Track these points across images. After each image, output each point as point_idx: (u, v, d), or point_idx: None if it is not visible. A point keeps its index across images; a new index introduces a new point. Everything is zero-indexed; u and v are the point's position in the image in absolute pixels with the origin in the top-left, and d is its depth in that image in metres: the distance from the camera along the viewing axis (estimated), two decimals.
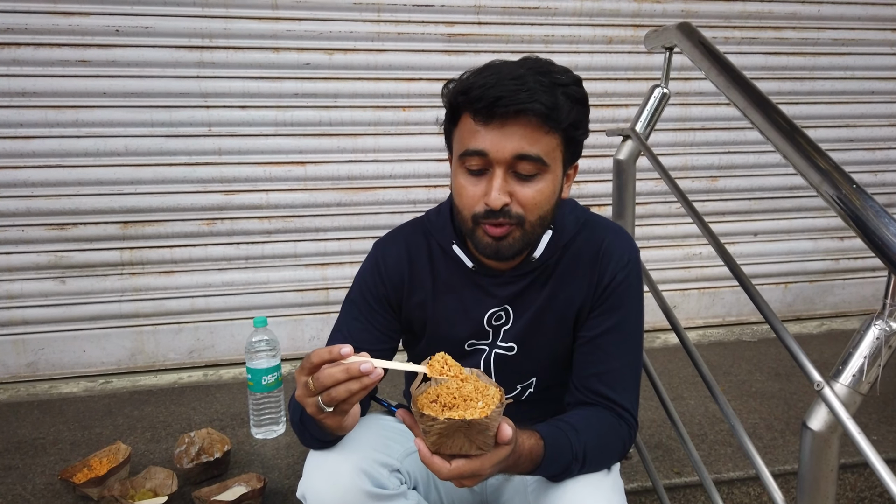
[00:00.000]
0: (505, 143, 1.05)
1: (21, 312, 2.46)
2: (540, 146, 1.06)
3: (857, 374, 0.99)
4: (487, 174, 1.08)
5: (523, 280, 1.22)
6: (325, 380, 0.90)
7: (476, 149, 1.06)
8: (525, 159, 1.05)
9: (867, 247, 0.99)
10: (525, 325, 1.24)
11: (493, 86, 1.03)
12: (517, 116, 1.03)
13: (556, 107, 1.04)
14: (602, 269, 1.21)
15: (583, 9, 2.67)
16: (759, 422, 2.08)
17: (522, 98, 1.02)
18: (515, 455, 0.98)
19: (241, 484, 1.66)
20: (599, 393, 1.19)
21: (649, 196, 2.88)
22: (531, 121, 1.04)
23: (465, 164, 1.10)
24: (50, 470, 1.85)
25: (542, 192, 1.10)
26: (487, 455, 0.91)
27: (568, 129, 1.09)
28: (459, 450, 0.90)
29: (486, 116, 1.04)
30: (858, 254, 3.13)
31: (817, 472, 1.02)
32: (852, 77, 2.97)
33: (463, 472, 0.90)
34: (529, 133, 1.05)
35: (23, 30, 2.28)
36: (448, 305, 1.26)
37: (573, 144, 1.14)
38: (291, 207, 2.60)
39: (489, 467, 0.92)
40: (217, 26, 2.40)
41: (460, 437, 0.88)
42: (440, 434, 0.88)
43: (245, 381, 1.97)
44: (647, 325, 2.89)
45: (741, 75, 1.35)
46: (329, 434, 1.08)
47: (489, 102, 1.02)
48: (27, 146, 2.36)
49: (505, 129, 1.04)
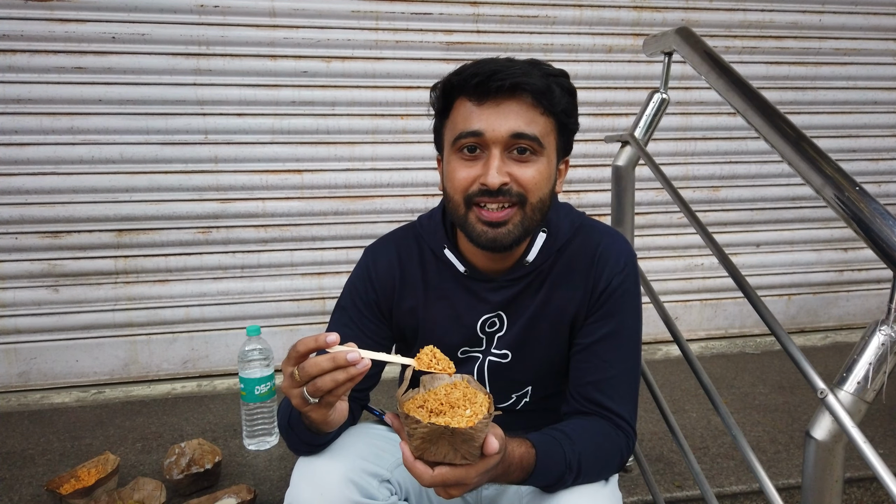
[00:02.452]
0: (501, 121, 1.04)
1: (13, 321, 2.43)
2: (536, 126, 1.06)
3: (861, 381, 0.96)
4: (483, 157, 1.06)
5: (517, 285, 1.19)
6: (311, 369, 0.88)
7: (471, 129, 1.05)
8: (522, 138, 1.05)
9: (870, 248, 0.96)
10: (519, 332, 1.21)
11: (487, 63, 1.05)
12: (513, 94, 1.04)
13: (549, 89, 1.05)
14: (597, 274, 1.18)
15: (582, 17, 2.65)
16: (762, 435, 2.03)
17: (517, 73, 1.02)
18: (505, 464, 0.95)
19: (230, 496, 1.63)
20: (596, 402, 1.16)
21: (650, 206, 2.85)
22: (526, 100, 1.05)
23: (460, 148, 1.08)
24: (37, 481, 1.81)
25: (541, 173, 1.08)
26: (472, 465, 0.88)
27: (561, 115, 1.09)
28: (443, 457, 0.87)
29: (482, 94, 1.04)
30: (863, 265, 3.10)
31: (822, 484, 0.99)
32: (854, 87, 2.95)
33: (446, 479, 0.87)
34: (525, 112, 1.05)
35: (19, 36, 2.27)
36: (440, 312, 1.23)
37: (566, 133, 1.13)
38: (288, 216, 2.58)
39: (474, 477, 0.89)
40: (214, 34, 2.39)
41: (444, 444, 0.85)
42: (423, 439, 0.85)
43: (239, 392, 1.93)
44: (649, 337, 2.89)
45: (740, 77, 1.33)
46: (316, 435, 1.06)
47: (485, 77, 1.03)
48: (22, 153, 2.34)
49: (500, 109, 1.04)
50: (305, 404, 0.92)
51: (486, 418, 0.87)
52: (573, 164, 2.70)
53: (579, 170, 2.75)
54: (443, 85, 1.10)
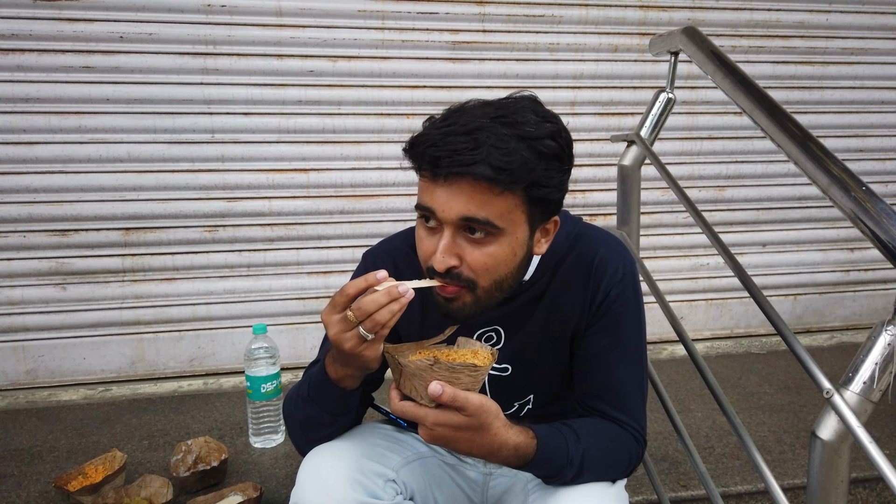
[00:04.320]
0: (451, 203, 0.97)
1: (21, 319, 2.45)
2: (490, 209, 0.97)
3: (867, 381, 0.96)
4: (439, 230, 1.01)
5: (513, 302, 1.17)
6: (369, 305, 0.92)
7: (425, 205, 1.00)
8: (472, 222, 0.97)
9: (877, 248, 0.96)
10: (518, 345, 1.20)
11: (437, 143, 0.95)
12: (463, 176, 0.95)
13: (508, 167, 0.94)
14: (595, 285, 1.15)
15: (588, 17, 2.65)
16: (767, 435, 2.03)
17: (464, 160, 0.93)
18: (496, 441, 0.96)
19: (237, 493, 1.63)
20: (604, 411, 1.15)
21: (655, 206, 2.85)
22: (479, 182, 0.95)
23: (421, 215, 1.04)
24: (45, 478, 1.82)
25: (495, 257, 1.01)
26: (433, 411, 0.92)
27: (531, 188, 0.98)
28: (409, 391, 0.93)
29: (432, 174, 0.98)
30: (869, 265, 3.09)
31: (827, 484, 0.99)
32: (861, 87, 2.94)
33: (405, 411, 0.93)
34: (478, 194, 0.96)
35: (27, 36, 2.28)
36: (436, 324, 1.21)
37: (542, 203, 1.02)
38: (294, 215, 2.58)
39: (432, 422, 0.92)
40: (221, 33, 2.40)
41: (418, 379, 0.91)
42: (401, 373, 0.94)
43: (245, 390, 1.94)
44: (654, 337, 2.88)
45: (746, 77, 1.33)
46: (345, 397, 1.08)
47: (430, 161, 0.96)
48: (30, 152, 2.36)
49: (452, 189, 0.96)
50: (361, 343, 0.95)
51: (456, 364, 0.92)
52: (579, 164, 2.69)
53: (584, 169, 2.74)
54: (403, 151, 1.03)
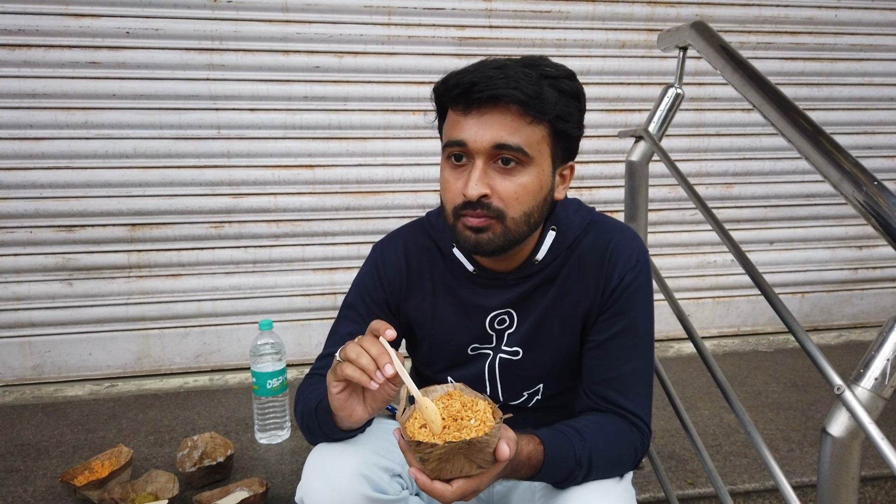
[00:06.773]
0: (483, 131, 1.01)
1: (28, 314, 2.45)
2: (521, 136, 1.01)
3: (879, 377, 0.94)
4: (469, 166, 1.05)
5: (526, 283, 1.18)
6: (351, 351, 0.95)
7: (456, 139, 1.04)
8: (504, 149, 1.01)
9: (889, 244, 0.95)
10: (530, 329, 1.20)
11: (471, 72, 1.01)
12: (496, 104, 1.00)
13: (538, 96, 1.00)
14: (609, 271, 1.16)
15: (595, 12, 2.64)
16: (775, 433, 2.02)
17: (499, 84, 0.98)
18: (514, 462, 0.95)
19: (242, 488, 1.63)
20: (610, 400, 1.15)
21: (663, 202, 2.83)
22: (510, 108, 1.00)
23: (448, 156, 1.07)
24: (51, 473, 1.83)
25: (525, 187, 1.04)
26: (487, 472, 0.90)
27: (555, 121, 1.04)
28: (460, 472, 0.87)
29: (465, 105, 1.02)
30: (878, 263, 3.07)
31: (838, 481, 0.97)
32: (870, 83, 2.92)
33: (465, 491, 0.89)
34: (509, 122, 1.01)
35: (34, 31, 2.28)
36: (448, 309, 1.22)
37: (563, 139, 1.08)
38: (300, 211, 2.58)
39: (488, 482, 0.91)
40: (227, 29, 2.40)
41: (460, 458, 0.85)
42: (440, 459, 0.85)
43: (251, 386, 1.94)
44: (661, 334, 2.87)
45: (756, 72, 1.32)
46: (339, 429, 1.09)
47: (464, 88, 1.00)
48: (37, 147, 2.36)
49: (484, 118, 1.01)
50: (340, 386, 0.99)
51: (498, 422, 0.87)
52: (586, 161, 2.69)
53: (592, 166, 2.73)
54: (434, 91, 1.09)
